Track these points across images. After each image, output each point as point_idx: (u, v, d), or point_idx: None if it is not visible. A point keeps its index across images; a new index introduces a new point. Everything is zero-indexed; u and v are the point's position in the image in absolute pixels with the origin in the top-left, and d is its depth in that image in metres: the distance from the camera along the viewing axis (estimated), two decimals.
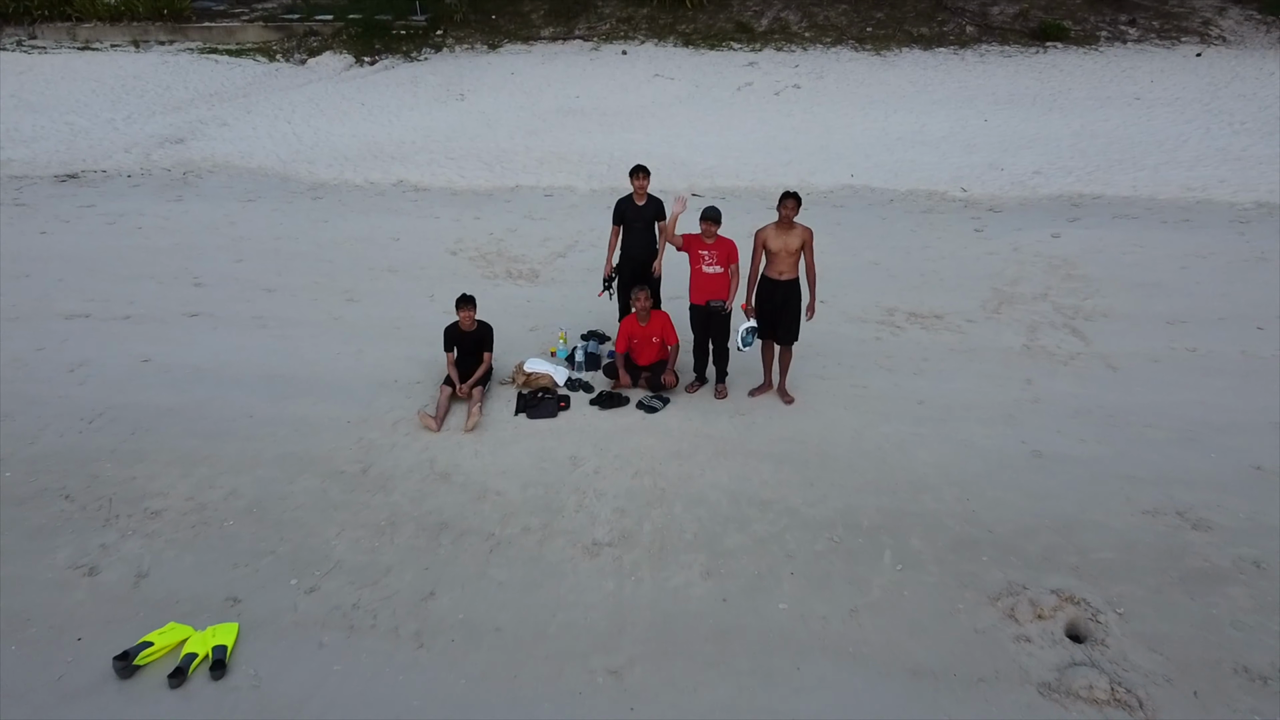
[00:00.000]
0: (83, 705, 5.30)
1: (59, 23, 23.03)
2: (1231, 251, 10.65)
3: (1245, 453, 7.22)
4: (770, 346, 7.99)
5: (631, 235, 8.37)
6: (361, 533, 6.59)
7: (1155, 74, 18.34)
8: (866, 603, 5.91)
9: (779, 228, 7.33)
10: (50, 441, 7.64)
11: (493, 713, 5.20)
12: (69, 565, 6.35)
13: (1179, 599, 5.90)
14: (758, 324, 7.75)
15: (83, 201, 12.84)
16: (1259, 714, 5.13)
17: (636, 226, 8.37)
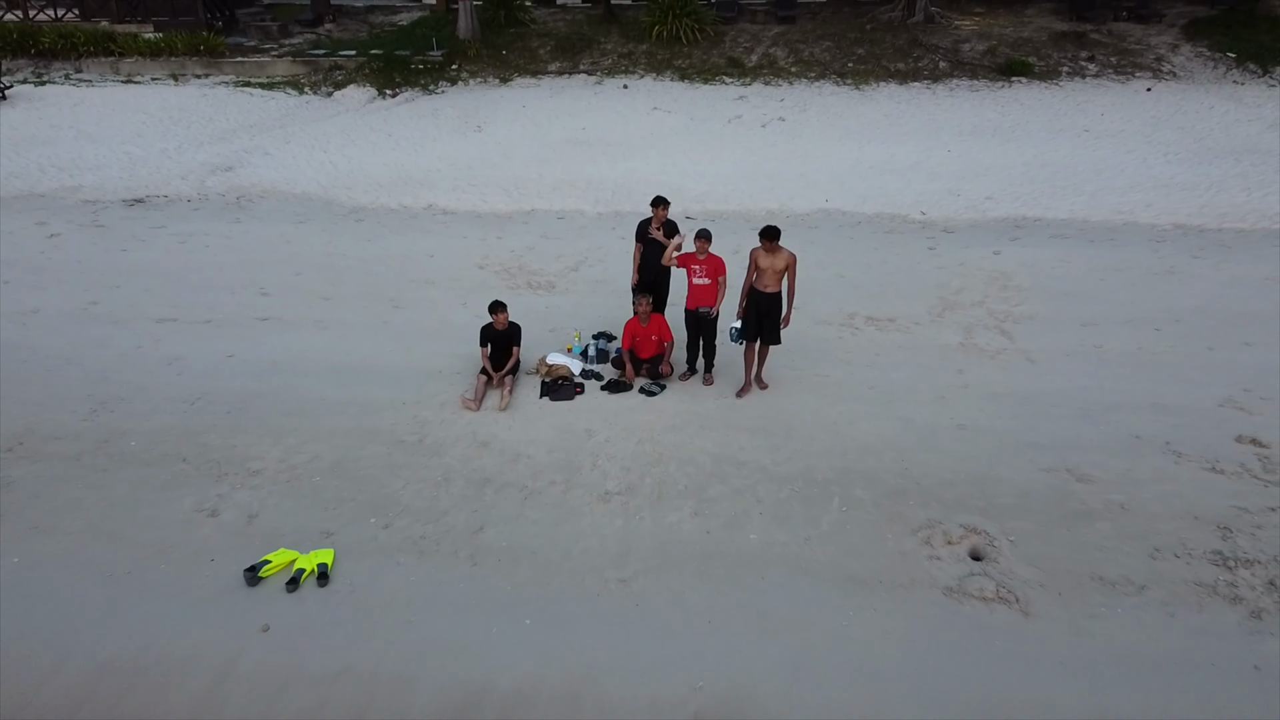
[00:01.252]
0: (222, 604, 7.04)
1: (103, 57, 24.95)
2: (1145, 266, 12.47)
3: (1128, 426, 9.00)
4: (752, 350, 9.72)
5: (650, 250, 10.17)
6: (422, 485, 8.34)
7: (1107, 107, 20.25)
8: (817, 533, 7.67)
9: (767, 251, 9.09)
10: (163, 419, 9.40)
11: (531, 608, 6.95)
12: (194, 509, 8.10)
13: (1058, 531, 7.66)
14: (744, 328, 9.48)
15: (153, 223, 14.67)
16: (1104, 608, 6.89)
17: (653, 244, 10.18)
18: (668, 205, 10.19)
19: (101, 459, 8.80)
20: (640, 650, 6.57)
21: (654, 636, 6.69)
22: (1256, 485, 8.15)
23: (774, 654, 6.52)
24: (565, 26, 27.31)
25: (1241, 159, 16.61)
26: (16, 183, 16.53)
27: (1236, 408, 9.27)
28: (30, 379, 10.19)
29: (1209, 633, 6.65)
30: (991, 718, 6.03)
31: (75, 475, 8.57)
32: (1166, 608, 6.88)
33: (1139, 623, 6.75)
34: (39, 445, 9.02)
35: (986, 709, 6.09)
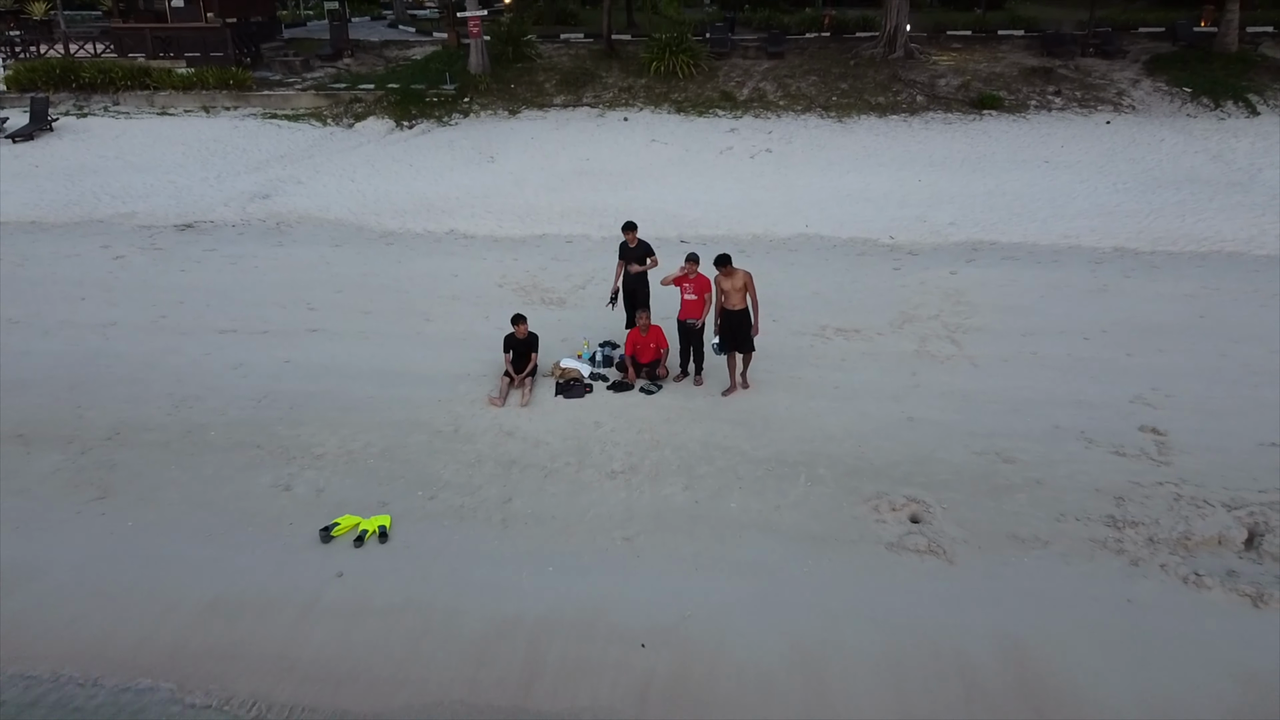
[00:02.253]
0: (303, 556, 8.70)
1: (139, 91, 26.83)
2: (1082, 285, 14.23)
3: (1051, 418, 10.70)
4: (733, 358, 11.42)
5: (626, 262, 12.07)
6: (459, 466, 10.03)
7: (1067, 140, 22.10)
8: (786, 503, 9.35)
9: (725, 275, 10.82)
10: (235, 413, 11.10)
11: (553, 559, 8.62)
12: (270, 485, 9.79)
13: (983, 500, 9.34)
14: (721, 342, 11.17)
15: (205, 246, 16.42)
16: (1014, 558, 8.56)
17: (630, 261, 12.03)
18: (635, 229, 12.22)
19: (188, 446, 10.50)
20: (641, 589, 8.24)
21: (651, 579, 8.36)
22: (1151, 465, 9.85)
23: (747, 592, 8.19)
24: (569, 61, 29.25)
25: (1181, 188, 18.43)
26: (76, 210, 18.31)
27: (1144, 403, 10.98)
28: (117, 381, 11.90)
29: (1095, 576, 8.33)
30: (918, 640, 7.69)
31: (168, 459, 10.27)
32: (1064, 558, 8.56)
33: (1041, 569, 8.43)
34: (133, 435, 10.71)
35: (914, 633, 7.75)
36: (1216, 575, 8.29)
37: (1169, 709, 6.97)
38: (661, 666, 7.46)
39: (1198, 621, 7.80)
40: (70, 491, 9.77)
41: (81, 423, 10.98)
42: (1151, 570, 8.40)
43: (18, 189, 19.41)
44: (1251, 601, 7.99)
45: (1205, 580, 8.23)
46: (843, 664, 7.45)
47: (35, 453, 10.43)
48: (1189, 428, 10.49)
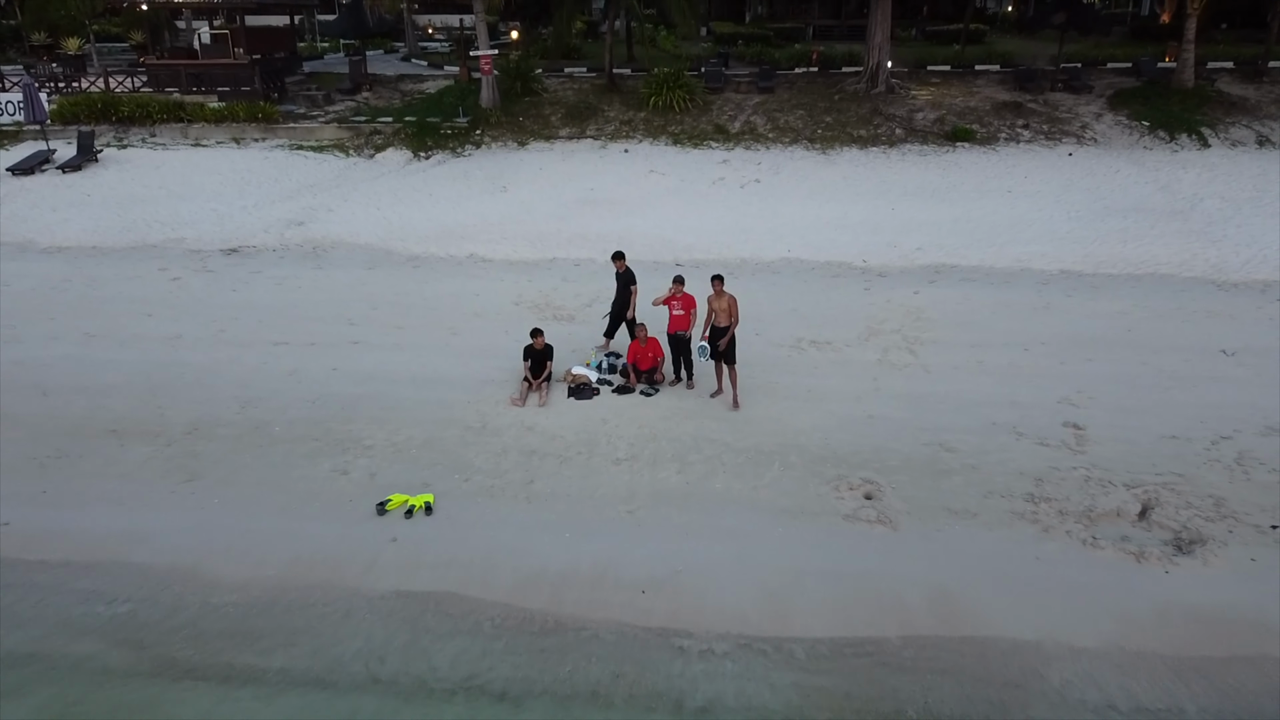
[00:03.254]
0: (363, 526, 10.57)
1: (174, 123, 28.86)
2: (1028, 303, 16.20)
3: (989, 416, 12.60)
4: (719, 365, 13.28)
5: (616, 289, 14.02)
6: (488, 455, 11.93)
7: (1031, 171, 24.15)
8: (762, 484, 11.24)
9: (716, 294, 12.73)
10: (294, 412, 13.01)
11: (569, 527, 10.49)
12: (330, 470, 11.68)
13: (926, 481, 11.24)
14: (709, 348, 13.06)
15: (251, 269, 18.39)
16: (947, 526, 10.45)
17: (617, 286, 14.02)
18: (624, 257, 14.32)
19: (256, 439, 12.40)
20: (641, 551, 10.11)
21: (650, 543, 10.24)
22: (1068, 453, 11.77)
23: (728, 552, 10.06)
24: (573, 95, 31.33)
25: (1128, 216, 20.44)
26: (131, 235, 20.28)
27: (1069, 404, 12.90)
28: (188, 385, 13.81)
29: (1012, 540, 10.22)
30: (865, 587, 9.57)
31: (240, 449, 12.17)
32: (988, 526, 10.46)
33: (968, 534, 10.33)
34: (209, 430, 12.61)
35: (862, 583, 9.63)
36: (1110, 539, 10.20)
37: (1059, 637, 8.85)
38: (658, 607, 9.34)
39: (1090, 574, 9.69)
40: (162, 476, 11.67)
41: (163, 420, 12.88)
42: (1058, 535, 10.30)
43: (77, 217, 21.39)
44: (1135, 559, 9.90)
45: (1100, 543, 10.14)
46: (804, 605, 9.33)
47: (128, 445, 12.33)
48: (1104, 423, 12.41)
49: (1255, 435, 12.10)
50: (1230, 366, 13.99)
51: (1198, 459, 11.64)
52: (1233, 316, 15.59)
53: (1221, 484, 11.13)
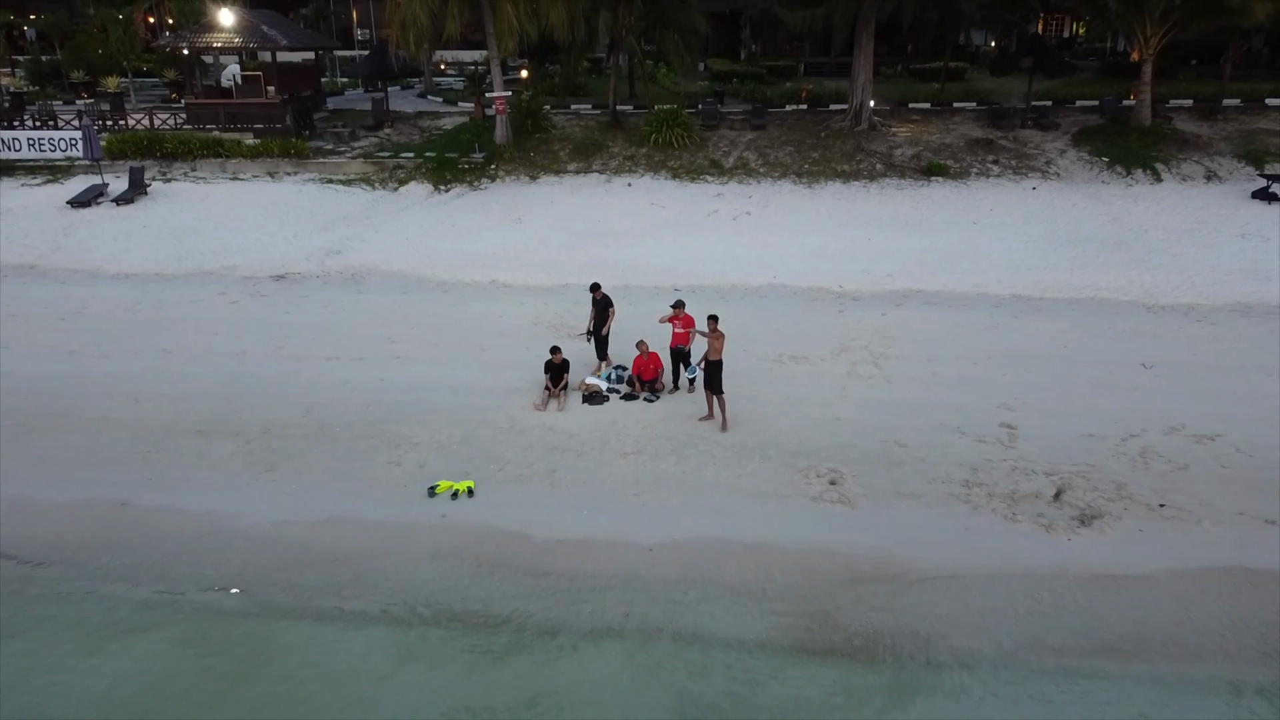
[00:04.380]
0: (416, 506, 12.92)
1: (213, 159, 31.38)
2: (981, 324, 18.61)
3: (937, 417, 14.96)
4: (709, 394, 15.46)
5: (594, 314, 16.46)
6: (517, 450, 14.29)
7: (996, 204, 26.64)
8: (745, 473, 13.60)
9: (713, 334, 14.97)
10: (351, 416, 15.38)
11: (586, 506, 12.83)
12: (385, 463, 14.04)
13: (881, 470, 13.59)
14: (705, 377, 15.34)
15: (299, 294, 20.84)
16: (895, 505, 12.79)
17: (594, 311, 16.50)
18: (600, 287, 16.73)
19: (322, 437, 14.77)
20: (646, 524, 12.45)
21: (652, 518, 12.58)
22: (1001, 448, 14.13)
23: (715, 526, 12.40)
24: (580, 132, 33.90)
25: (1078, 246, 22.90)
26: (188, 263, 22.74)
27: (1006, 408, 15.28)
28: (257, 393, 16.19)
29: (947, 515, 12.57)
30: (826, 551, 11.90)
31: (309, 446, 14.53)
32: (928, 505, 12.81)
33: (911, 511, 12.67)
34: (280, 430, 14.98)
35: (824, 548, 11.95)
36: (1028, 516, 12.56)
37: (977, 585, 11.18)
38: (659, 565, 11.68)
39: (1008, 541, 12.05)
40: (246, 467, 14.04)
41: (240, 422, 15.26)
42: (985, 513, 12.66)
43: (137, 246, 23.84)
44: (1045, 530, 12.25)
45: (1019, 518, 12.50)
46: (777, 565, 11.67)
47: (213, 442, 14.70)
48: (1034, 424, 14.78)
49: (1159, 434, 14.47)
50: (1148, 377, 16.38)
51: (1108, 453, 14.01)
52: (1156, 335, 18.01)
53: (1125, 472, 13.50)
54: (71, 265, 22.90)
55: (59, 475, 13.78)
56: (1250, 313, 19.02)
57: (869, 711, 9.64)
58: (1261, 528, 12.22)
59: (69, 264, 23.00)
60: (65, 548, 12.32)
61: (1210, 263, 21.70)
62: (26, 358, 17.66)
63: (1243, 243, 23.04)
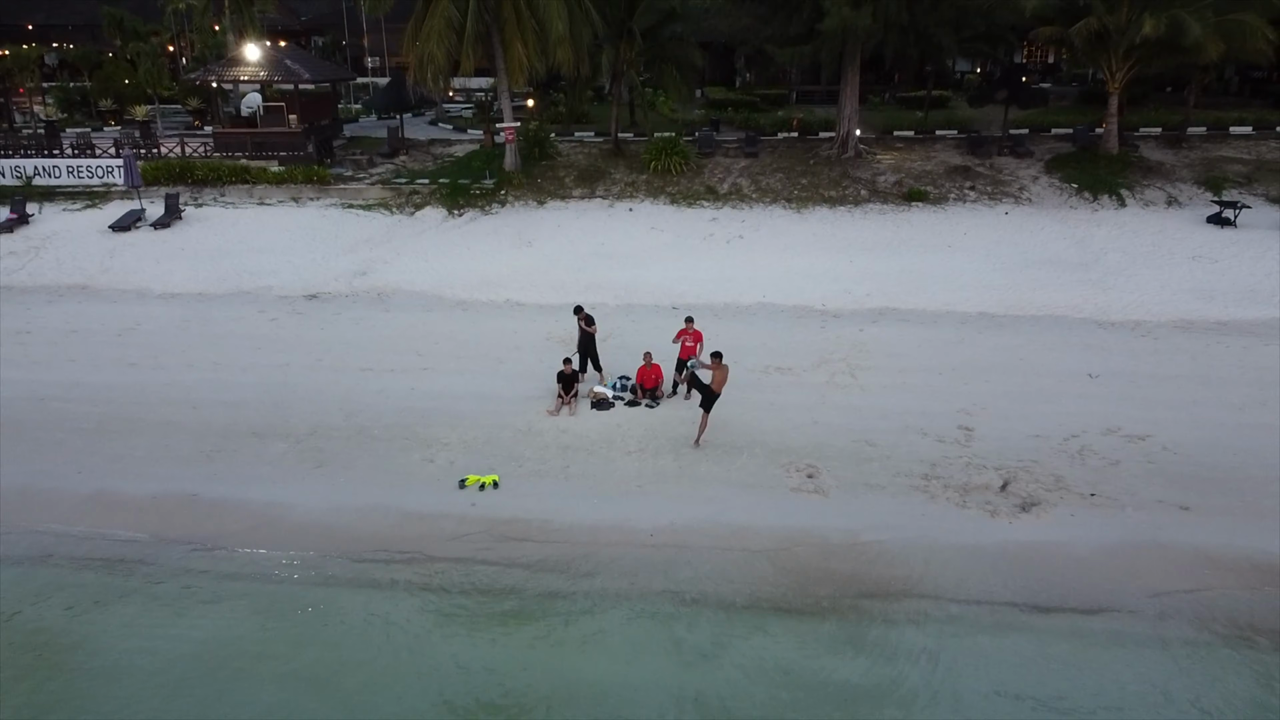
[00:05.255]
0: (449, 496, 14.93)
1: (240, 185, 33.54)
2: (948, 339, 20.69)
3: (904, 421, 17.00)
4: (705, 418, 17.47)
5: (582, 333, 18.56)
6: (534, 449, 16.32)
7: (971, 228, 28.77)
8: (734, 468, 15.63)
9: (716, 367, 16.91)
10: (387, 420, 17.41)
11: (596, 496, 14.86)
12: (420, 460, 16.07)
13: (852, 466, 15.62)
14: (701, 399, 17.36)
15: (331, 311, 22.92)
16: (863, 495, 14.83)
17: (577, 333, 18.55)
18: (583, 310, 18.79)
19: (362, 439, 16.80)
20: (648, 512, 14.46)
21: (654, 508, 14.60)
22: (958, 447, 16.17)
23: (708, 510, 14.41)
24: (584, 159, 36.09)
25: (1042, 268, 25.03)
26: (228, 284, 24.84)
27: (965, 413, 17.33)
28: (302, 400, 18.23)
29: (907, 503, 14.58)
30: (802, 532, 13.91)
31: (351, 446, 16.56)
32: (892, 495, 14.83)
33: (877, 500, 14.69)
34: (326, 432, 17.01)
35: (801, 530, 13.97)
36: (977, 503, 14.59)
37: (930, 559, 13.20)
38: (660, 544, 13.70)
39: (958, 524, 14.07)
40: (297, 464, 16.06)
41: (289, 425, 17.29)
42: (941, 501, 14.69)
43: (179, 268, 25.94)
44: (990, 515, 14.28)
45: (968, 505, 14.53)
46: (759, 542, 13.68)
47: (267, 443, 16.73)
48: (988, 426, 16.83)
49: (1097, 434, 16.52)
50: (1093, 386, 18.44)
51: (1051, 450, 16.05)
52: (1104, 348, 20.09)
53: (1064, 467, 15.54)
54: (119, 285, 24.99)
55: (134, 471, 15.82)
56: (1191, 328, 21.12)
57: (836, 659, 11.65)
58: (1177, 512, 14.26)
59: (117, 284, 25.09)
60: (145, 533, 14.33)
61: (1161, 282, 23.82)
62: (92, 370, 19.71)
63: (1193, 264, 25.17)
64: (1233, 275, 24.22)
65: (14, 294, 24.48)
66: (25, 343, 21.10)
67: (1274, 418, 16.79)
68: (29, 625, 12.50)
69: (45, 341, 21.19)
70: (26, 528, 14.45)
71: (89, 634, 12.29)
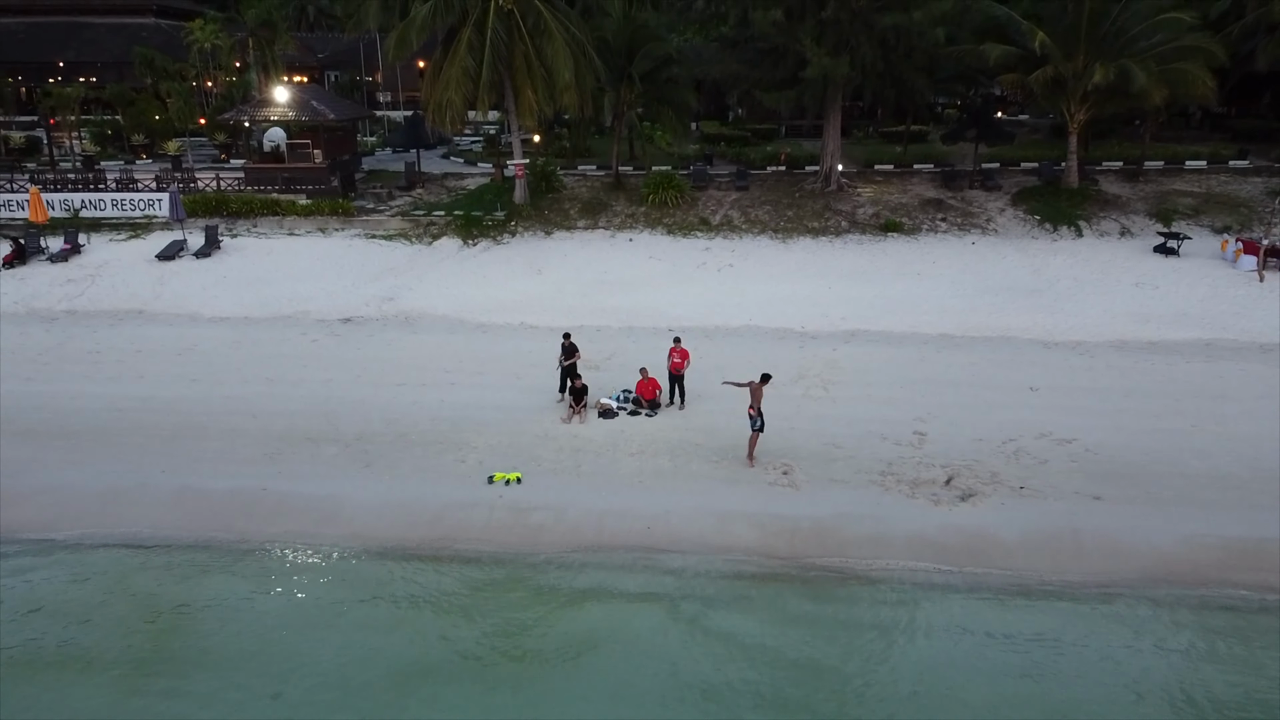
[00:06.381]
0: (479, 490, 17.71)
1: (271, 216, 36.46)
2: (910, 357, 23.54)
3: (868, 427, 19.80)
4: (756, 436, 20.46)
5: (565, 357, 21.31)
6: (550, 452, 19.10)
7: (939, 257, 31.71)
8: (720, 467, 18.42)
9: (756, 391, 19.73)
10: (423, 427, 20.20)
11: (605, 490, 17.64)
12: (453, 460, 18.86)
13: (821, 465, 18.41)
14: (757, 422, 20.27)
15: (365, 333, 25.77)
16: (831, 488, 17.62)
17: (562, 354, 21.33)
18: (570, 335, 21.47)
19: (402, 443, 19.58)
20: (647, 503, 17.23)
21: (652, 499, 17.37)
22: (912, 449, 18.98)
23: (697, 502, 17.19)
24: (587, 192, 39.07)
25: (1000, 294, 27.94)
26: (269, 308, 27.69)
27: (920, 420, 20.14)
28: (347, 410, 21.02)
29: (865, 494, 17.36)
30: (775, 519, 16.68)
31: (394, 449, 19.33)
32: (853, 489, 17.61)
33: (840, 494, 17.46)
34: (371, 437, 19.80)
35: (773, 517, 16.74)
36: (924, 495, 17.38)
37: (881, 537, 15.98)
38: (655, 532, 16.48)
39: (906, 511, 16.85)
40: (348, 464, 18.84)
41: (339, 432, 20.08)
42: (894, 492, 17.48)
43: (223, 294, 28.79)
44: (934, 504, 17.07)
45: (916, 496, 17.32)
46: (742, 527, 16.47)
47: (320, 446, 19.51)
48: (940, 432, 19.64)
49: (1031, 439, 19.33)
50: (1033, 398, 21.28)
51: (991, 452, 18.86)
52: (1046, 365, 22.96)
53: (1000, 466, 18.34)
54: (173, 310, 27.84)
55: (210, 470, 18.59)
56: (1125, 348, 24.01)
57: (801, 611, 14.43)
58: (1090, 502, 17.05)
59: (170, 309, 27.94)
60: (225, 520, 17.08)
61: (1104, 307, 26.74)
62: (160, 385, 22.51)
63: (1135, 290, 28.12)
64: (1169, 300, 27.16)
65: (79, 318, 27.33)
66: (98, 361, 23.92)
67: (1183, 423, 19.65)
68: (142, 588, 15.27)
69: (114, 360, 24.00)
70: (121, 517, 17.19)
71: (191, 596, 15.05)
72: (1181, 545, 15.64)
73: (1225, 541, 15.69)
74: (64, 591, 15.17)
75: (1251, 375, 22.05)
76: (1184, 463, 18.10)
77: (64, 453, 19.18)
